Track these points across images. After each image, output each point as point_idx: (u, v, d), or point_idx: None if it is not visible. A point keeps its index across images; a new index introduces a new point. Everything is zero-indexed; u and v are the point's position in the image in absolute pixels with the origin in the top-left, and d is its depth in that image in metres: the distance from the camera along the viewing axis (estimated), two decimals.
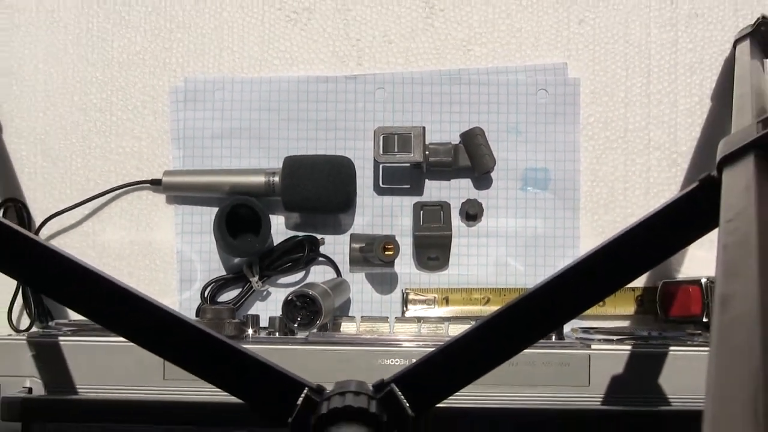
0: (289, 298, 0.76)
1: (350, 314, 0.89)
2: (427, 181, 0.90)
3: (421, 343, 0.73)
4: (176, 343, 0.55)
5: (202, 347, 0.54)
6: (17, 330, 0.88)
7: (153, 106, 0.92)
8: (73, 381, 0.71)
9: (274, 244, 0.89)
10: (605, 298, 0.86)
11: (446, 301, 0.89)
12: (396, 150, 0.86)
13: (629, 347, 0.71)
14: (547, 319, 0.55)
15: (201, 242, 0.90)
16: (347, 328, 0.79)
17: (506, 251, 0.90)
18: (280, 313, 0.77)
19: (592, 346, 0.71)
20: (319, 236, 0.89)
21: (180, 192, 0.90)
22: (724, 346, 0.31)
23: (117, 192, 0.91)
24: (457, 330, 0.75)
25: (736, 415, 0.26)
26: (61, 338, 0.72)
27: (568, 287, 0.53)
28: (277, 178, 0.87)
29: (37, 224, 0.90)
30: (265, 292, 0.89)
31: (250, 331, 0.78)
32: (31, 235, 0.57)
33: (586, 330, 0.82)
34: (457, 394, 0.54)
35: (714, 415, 0.27)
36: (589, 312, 0.86)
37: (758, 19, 0.86)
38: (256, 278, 0.87)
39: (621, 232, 0.53)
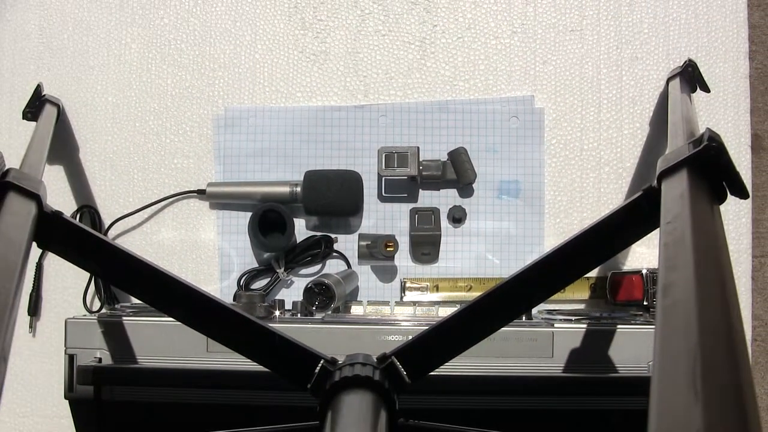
0: (309, 285, 0.76)
1: (358, 299, 0.88)
2: (420, 190, 0.90)
3: (416, 322, 0.73)
4: (216, 323, 0.54)
5: (238, 326, 0.54)
6: (90, 311, 0.88)
7: (199, 130, 0.91)
8: (134, 353, 0.71)
9: (297, 242, 0.88)
10: (566, 287, 0.86)
11: (437, 288, 0.88)
12: (396, 165, 0.85)
13: (585, 326, 0.71)
14: (518, 303, 0.55)
15: (237, 240, 0.90)
16: (356, 310, 0.79)
17: (485, 248, 0.89)
18: (302, 298, 0.76)
19: (555, 325, 0.71)
20: (333, 236, 0.89)
21: (220, 200, 0.90)
22: (667, 327, 0.30)
23: (170, 200, 0.90)
24: (445, 312, 0.74)
25: (679, 383, 0.26)
26: (124, 318, 0.71)
27: (536, 277, 0.53)
28: (299, 189, 0.86)
29: (106, 226, 0.89)
30: (289, 281, 0.89)
31: (277, 313, 0.77)
32: (101, 235, 0.57)
33: (550, 312, 0.82)
34: (446, 364, 0.53)
35: (660, 383, 0.26)
36: (552, 297, 0.85)
37: (686, 61, 0.86)
38: (282, 270, 0.87)
39: (578, 233, 0.53)
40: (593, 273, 0.88)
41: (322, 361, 0.52)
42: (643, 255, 0.88)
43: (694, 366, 0.26)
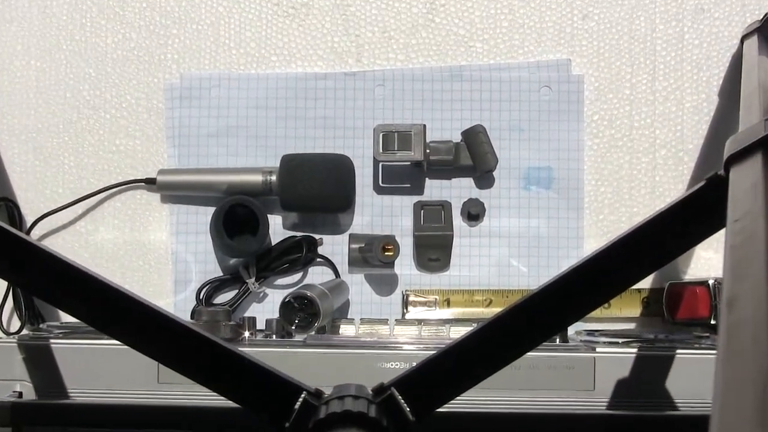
0: (287, 299, 0.76)
1: (349, 316, 0.88)
2: (427, 180, 0.90)
3: (421, 346, 0.73)
4: (171, 346, 0.54)
5: (198, 350, 0.54)
6: (7, 333, 0.88)
7: (147, 103, 0.92)
8: (64, 385, 0.71)
9: (272, 245, 0.89)
10: (610, 300, 0.86)
11: (447, 303, 0.89)
12: (396, 148, 0.86)
13: (635, 350, 0.71)
14: (550, 322, 0.55)
15: (196, 242, 0.90)
16: (346, 330, 0.79)
17: (509, 252, 0.90)
18: (278, 315, 0.77)
19: (597, 349, 0.71)
20: (317, 236, 0.89)
21: (175, 191, 0.90)
22: (731, 348, 0.31)
23: (110, 191, 0.91)
24: (458, 333, 0.75)
25: (744, 417, 0.26)
26: (52, 341, 0.72)
27: (573, 289, 0.53)
28: (274, 177, 0.86)
29: (29, 224, 0.90)
30: (261, 294, 0.89)
31: (247, 334, 0.77)
32: (23, 235, 0.57)
33: (590, 333, 0.82)
34: (458, 398, 0.54)
35: (721, 417, 0.27)
36: (593, 314, 0.86)
37: (766, 14, 0.86)
38: (253, 279, 0.87)
39: (626, 233, 0.53)
40: (645, 284, 0.88)
41: (304, 394, 0.52)
42: (709, 261, 0.88)
43: (764, 398, 0.27)
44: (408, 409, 0.52)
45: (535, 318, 0.54)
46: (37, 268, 0.55)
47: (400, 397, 0.52)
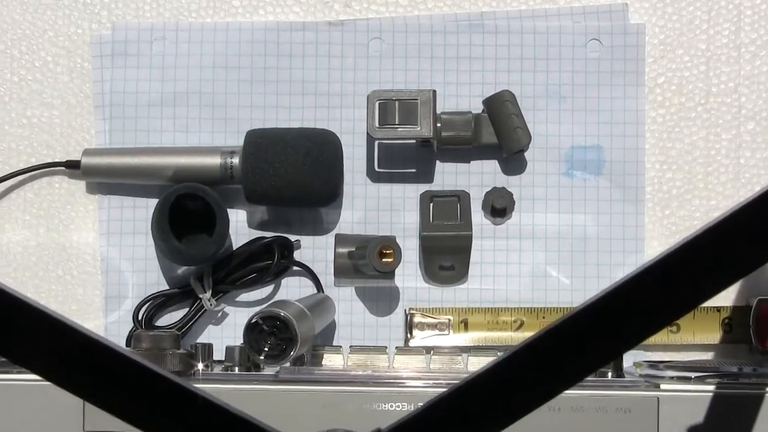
0: (254, 320, 0.76)
1: (335, 343, 0.89)
2: (438, 163, 0.91)
3: (430, 381, 0.74)
4: (100, 381, 0.55)
5: (136, 386, 0.54)
6: None
7: (68, 61, 0.92)
8: None
9: (233, 249, 0.89)
10: (679, 321, 0.86)
11: (464, 326, 0.89)
12: (397, 122, 0.86)
13: (712, 387, 0.71)
14: (600, 349, 0.55)
15: (134, 246, 0.90)
16: (331, 361, 0.79)
17: (545, 258, 0.90)
18: (241, 341, 0.77)
19: (662, 386, 0.72)
20: (293, 238, 0.90)
21: (105, 178, 0.90)
22: None
23: (19, 178, 0.91)
24: (478, 364, 0.75)
25: None
26: None
27: (629, 305, 0.54)
28: (237, 160, 0.87)
29: None
30: (220, 313, 0.90)
31: (201, 366, 0.78)
32: None
33: (653, 364, 0.82)
34: None
35: None
36: (657, 340, 0.86)
37: None
38: (209, 294, 0.88)
39: (700, 231, 0.53)
40: (727, 300, 0.89)
41: None
42: None
43: None
44: None
45: (578, 344, 0.54)
46: None
47: None
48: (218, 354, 0.79)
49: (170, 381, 0.54)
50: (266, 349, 0.76)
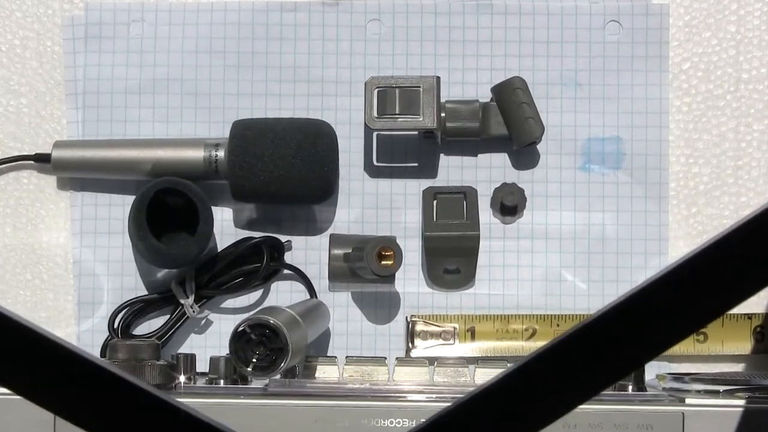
0: (241, 329, 0.76)
1: (330, 353, 0.89)
2: (443, 156, 0.91)
3: (433, 395, 0.74)
4: (73, 393, 0.55)
5: (112, 399, 0.54)
6: None
7: (38, 45, 0.92)
8: None
9: (218, 250, 0.89)
10: (706, 328, 0.86)
11: (471, 335, 0.89)
12: (397, 111, 0.86)
13: (742, 402, 0.71)
14: (619, 359, 0.55)
15: (109, 247, 0.91)
16: (326, 373, 0.79)
17: (560, 260, 0.90)
18: (227, 351, 0.77)
19: (687, 401, 0.72)
20: (284, 238, 0.90)
21: (78, 173, 0.91)
22: None
23: None
24: (486, 376, 0.75)
25: None
26: None
27: (651, 311, 0.54)
28: (222, 153, 0.87)
29: None
30: (204, 321, 0.90)
31: (183, 378, 0.78)
32: None
33: (678, 377, 0.82)
34: None
35: None
36: (682, 350, 0.86)
37: None
38: (191, 300, 0.88)
39: (730, 230, 0.53)
40: (759, 306, 0.89)
41: None
42: None
43: None
44: None
45: (596, 354, 0.54)
46: None
47: None
48: (202, 365, 0.80)
49: (150, 395, 0.54)
50: (254, 360, 0.76)
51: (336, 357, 0.81)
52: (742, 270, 0.54)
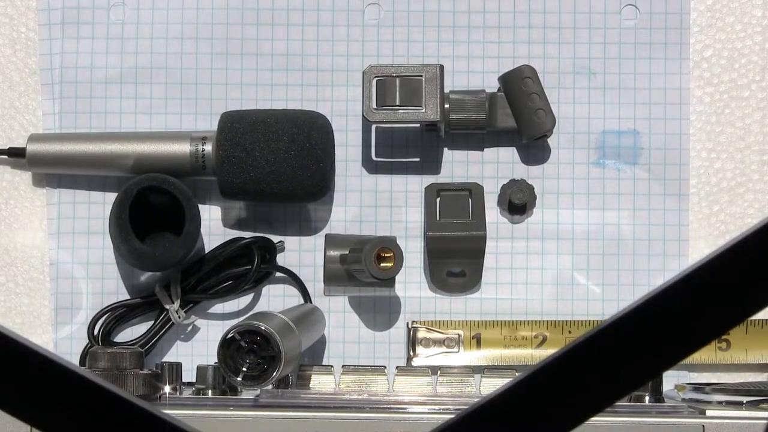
0: (230, 335, 0.77)
1: (325, 362, 0.89)
2: (446, 151, 0.91)
3: (436, 407, 0.74)
4: (50, 403, 0.55)
5: (92, 410, 0.55)
6: None
7: (11, 31, 0.92)
8: None
9: (206, 252, 0.89)
10: (729, 335, 0.87)
11: (477, 342, 0.89)
12: (398, 102, 0.86)
13: (767, 414, 0.72)
14: (635, 368, 0.55)
15: (89, 248, 0.91)
16: (321, 383, 0.79)
17: (572, 262, 0.90)
18: (215, 359, 0.77)
19: (708, 412, 0.72)
20: (276, 239, 0.90)
21: (55, 168, 0.91)
22: None
23: None
24: (493, 386, 0.75)
25: None
26: None
27: (670, 316, 0.54)
28: (209, 147, 0.87)
29: None
30: (190, 327, 0.90)
31: (168, 389, 0.78)
32: None
33: (698, 387, 0.83)
34: None
35: None
36: (703, 358, 0.86)
37: None
38: (177, 305, 0.88)
39: (754, 230, 0.54)
40: None
41: None
42: None
43: None
44: None
45: (610, 362, 0.54)
46: None
47: None
48: (188, 375, 0.80)
49: (133, 405, 0.55)
50: (244, 369, 0.76)
51: (332, 366, 0.81)
52: (763, 274, 0.54)
